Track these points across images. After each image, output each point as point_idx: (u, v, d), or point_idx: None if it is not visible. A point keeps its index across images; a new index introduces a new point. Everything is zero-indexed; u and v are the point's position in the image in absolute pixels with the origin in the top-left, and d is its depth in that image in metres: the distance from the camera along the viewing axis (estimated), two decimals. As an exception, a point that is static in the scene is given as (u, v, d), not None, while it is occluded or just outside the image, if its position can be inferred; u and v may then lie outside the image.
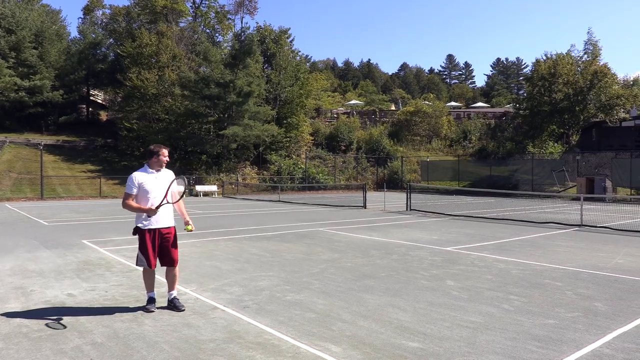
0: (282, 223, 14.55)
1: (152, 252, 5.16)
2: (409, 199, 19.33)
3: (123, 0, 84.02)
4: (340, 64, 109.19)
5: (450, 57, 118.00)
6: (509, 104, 62.46)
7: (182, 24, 46.53)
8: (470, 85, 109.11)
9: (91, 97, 48.56)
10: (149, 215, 5.02)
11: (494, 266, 7.77)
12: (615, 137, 37.41)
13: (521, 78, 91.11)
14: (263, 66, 40.34)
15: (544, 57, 43.29)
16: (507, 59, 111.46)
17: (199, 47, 40.16)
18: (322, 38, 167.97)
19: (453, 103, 70.73)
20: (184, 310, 5.17)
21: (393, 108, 65.89)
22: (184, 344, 4.15)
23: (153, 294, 5.30)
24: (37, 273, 7.11)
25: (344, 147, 44.77)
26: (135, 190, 5.07)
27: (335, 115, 53.95)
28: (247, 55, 35.75)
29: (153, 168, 5.23)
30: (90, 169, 33.98)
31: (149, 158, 5.21)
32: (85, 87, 46.26)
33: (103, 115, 48.22)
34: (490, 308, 5.30)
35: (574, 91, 39.03)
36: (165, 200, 5.10)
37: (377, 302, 5.52)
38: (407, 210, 18.93)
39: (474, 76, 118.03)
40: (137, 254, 5.22)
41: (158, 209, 5.03)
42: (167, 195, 5.12)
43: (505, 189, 28.36)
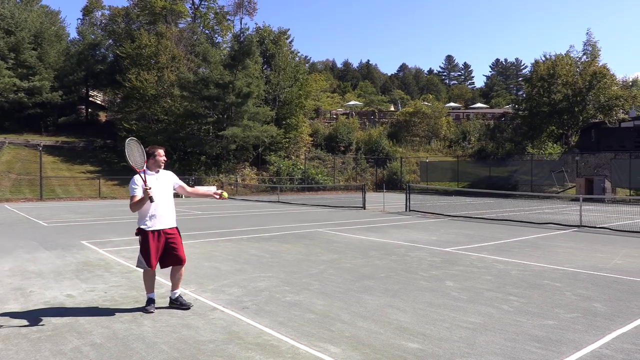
0: (282, 224, 14.55)
1: (155, 254, 5.15)
2: (408, 200, 19.34)
3: (122, 1, 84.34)
4: (339, 64, 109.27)
5: (449, 58, 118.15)
6: (508, 104, 62.48)
7: (181, 25, 46.53)
8: (470, 86, 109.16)
9: (90, 98, 48.53)
10: (150, 199, 4.91)
11: (493, 267, 7.77)
12: (614, 137, 37.48)
13: (520, 79, 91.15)
14: (262, 67, 40.35)
15: (543, 58, 43.39)
16: (506, 60, 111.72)
17: (198, 48, 40.17)
18: (321, 39, 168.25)
19: (452, 104, 70.72)
20: (192, 306, 5.29)
21: (392, 109, 65.90)
22: (183, 345, 4.15)
23: (153, 295, 5.30)
24: (36, 274, 7.11)
25: (343, 148, 44.78)
26: (139, 191, 5.03)
27: (334, 116, 53.95)
28: (247, 56, 35.75)
29: (152, 170, 5.23)
30: (90, 169, 33.96)
31: (146, 160, 5.20)
32: (84, 88, 46.25)
33: (102, 116, 48.20)
34: (489, 309, 5.30)
35: (573, 92, 39.07)
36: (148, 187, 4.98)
37: (376, 303, 5.52)
38: (406, 210, 18.94)
39: (473, 77, 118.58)
40: (138, 256, 5.21)
41: (149, 190, 4.91)
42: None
43: (505, 190, 28.39)
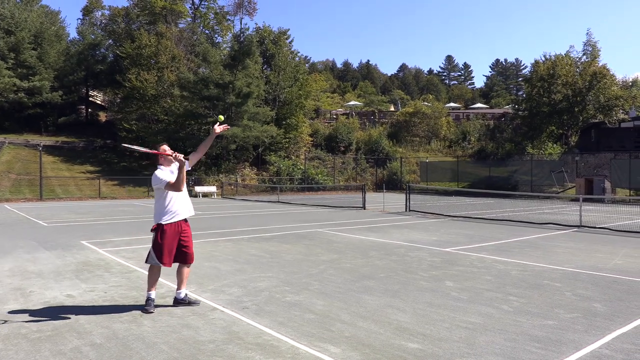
0: (282, 224, 14.55)
1: (168, 249, 5.16)
2: (408, 200, 19.34)
3: (122, 1, 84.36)
4: (339, 65, 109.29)
5: (449, 58, 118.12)
6: (508, 105, 62.48)
7: (181, 25, 46.54)
8: (469, 86, 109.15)
9: (90, 98, 48.54)
10: (180, 161, 5.14)
11: (493, 267, 7.77)
12: (614, 138, 37.49)
13: (520, 79, 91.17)
14: (262, 67, 40.36)
15: (543, 58, 43.35)
16: (506, 60, 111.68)
17: (198, 48, 40.18)
18: (321, 39, 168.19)
19: (452, 104, 70.72)
20: (200, 302, 5.41)
21: (392, 109, 65.90)
22: (183, 345, 4.15)
23: (153, 294, 5.27)
24: (36, 274, 7.11)
25: (343, 148, 44.79)
26: (167, 175, 5.25)
27: (334, 116, 53.96)
28: (247, 56, 35.75)
29: (165, 166, 5.41)
30: (90, 169, 33.96)
31: (159, 162, 5.41)
32: (84, 88, 46.25)
33: (102, 116, 48.20)
34: (489, 309, 5.30)
35: (573, 92, 39.07)
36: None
37: (376, 303, 5.52)
38: (406, 211, 18.94)
39: (473, 77, 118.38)
40: (149, 251, 5.21)
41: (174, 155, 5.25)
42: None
43: (505, 190, 28.40)
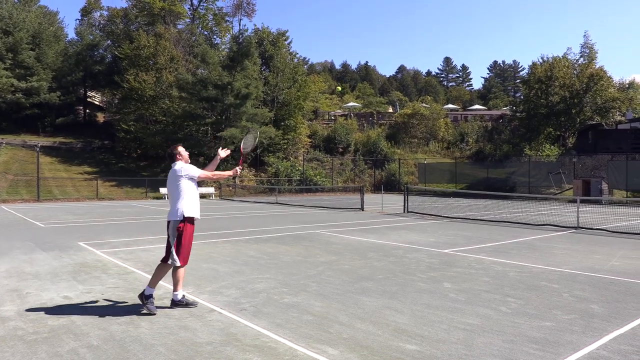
0: (280, 225, 14.54)
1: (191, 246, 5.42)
2: (406, 201, 19.35)
3: (121, 2, 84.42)
4: (338, 66, 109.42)
5: (447, 60, 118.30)
6: (506, 106, 62.53)
7: (180, 26, 46.52)
8: (468, 88, 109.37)
9: (88, 99, 48.50)
10: (234, 175, 5.73)
11: (491, 268, 7.78)
12: (611, 139, 37.57)
13: (518, 81, 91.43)
14: (261, 68, 40.33)
15: (541, 60, 43.44)
16: (504, 62, 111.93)
17: (197, 49, 40.13)
18: (319, 40, 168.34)
19: (450, 105, 70.84)
20: (197, 304, 5.42)
21: (390, 110, 65.95)
22: (181, 347, 4.14)
23: (153, 291, 5.26)
24: (33, 275, 7.08)
25: (341, 149, 44.80)
26: (200, 170, 5.48)
27: (332, 118, 53.98)
28: (245, 57, 35.73)
29: (183, 161, 5.53)
30: (87, 170, 33.90)
31: (172, 159, 5.50)
32: (82, 88, 46.19)
33: (100, 117, 48.13)
34: (487, 310, 5.30)
35: (570, 94, 39.15)
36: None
37: (374, 305, 5.52)
38: (404, 212, 18.95)
39: (471, 79, 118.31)
40: (180, 249, 5.18)
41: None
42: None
43: (502, 191, 28.43)
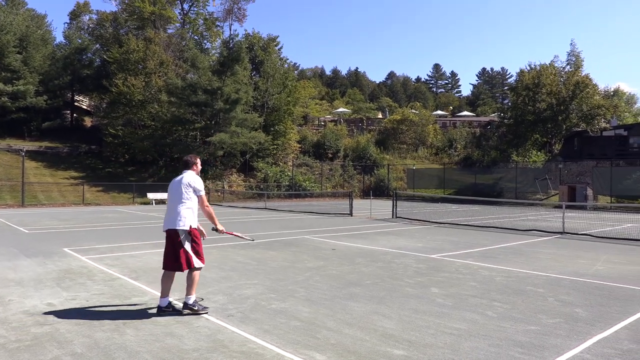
0: (268, 230, 14.50)
1: None
2: (395, 207, 19.42)
3: (110, 6, 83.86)
4: (328, 72, 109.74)
5: (436, 67, 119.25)
6: (494, 113, 63.30)
7: (170, 31, 46.35)
8: (456, 95, 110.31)
9: (76, 103, 47.97)
10: (220, 231, 5.65)
11: (478, 273, 7.83)
12: (596, 146, 38.15)
13: (506, 88, 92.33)
14: (251, 73, 40.33)
15: (528, 68, 44.09)
16: (492, 69, 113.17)
17: (187, 53, 40.04)
18: (310, 46, 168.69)
19: (439, 112, 71.42)
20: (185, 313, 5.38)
21: (380, 116, 66.24)
22: (167, 354, 4.10)
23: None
24: (16, 282, 6.98)
25: (331, 155, 44.87)
26: (201, 189, 5.51)
27: (322, 123, 54.09)
28: (235, 62, 35.72)
29: (197, 173, 5.64)
30: (74, 175, 33.52)
31: (188, 167, 5.55)
32: (70, 92, 45.71)
33: (88, 121, 47.64)
34: (474, 315, 5.34)
35: (557, 101, 39.73)
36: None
37: (362, 310, 5.52)
38: (393, 217, 19.01)
39: (459, 85, 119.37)
40: (193, 254, 5.31)
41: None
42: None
43: (490, 197, 28.67)
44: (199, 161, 5.68)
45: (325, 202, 32.81)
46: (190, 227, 5.29)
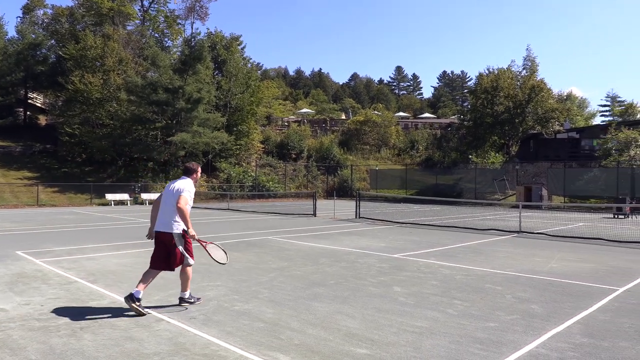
0: (231, 232, 14.34)
1: None
2: (358, 207, 19.60)
3: (66, 1, 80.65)
4: (291, 72, 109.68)
5: (399, 69, 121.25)
6: (454, 115, 64.85)
7: (129, 27, 45.11)
8: (418, 97, 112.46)
9: (29, 100, 45.92)
10: (191, 237, 5.59)
11: (439, 272, 8.01)
12: (550, 148, 39.78)
13: (465, 90, 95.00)
14: (213, 72, 39.77)
15: (487, 71, 45.42)
16: (452, 72, 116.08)
17: (147, 51, 38.99)
18: (273, 46, 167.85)
19: (401, 113, 72.55)
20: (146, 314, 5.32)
21: (343, 117, 66.72)
22: (126, 359, 3.99)
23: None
24: (-36, 287, 6.62)
25: (294, 155, 44.82)
26: (191, 196, 5.76)
27: (286, 124, 53.97)
28: (197, 61, 35.13)
29: (194, 182, 5.88)
30: (27, 175, 32.10)
31: (189, 174, 5.87)
32: (23, 89, 43.72)
33: (42, 120, 45.69)
34: (435, 313, 5.46)
35: (513, 104, 41.13)
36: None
37: (325, 310, 5.55)
38: (356, 218, 19.18)
39: (421, 88, 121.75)
40: (189, 251, 5.59)
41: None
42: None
43: (450, 197, 29.38)
44: (199, 170, 6.08)
45: (288, 203, 32.75)
46: (183, 230, 5.56)
